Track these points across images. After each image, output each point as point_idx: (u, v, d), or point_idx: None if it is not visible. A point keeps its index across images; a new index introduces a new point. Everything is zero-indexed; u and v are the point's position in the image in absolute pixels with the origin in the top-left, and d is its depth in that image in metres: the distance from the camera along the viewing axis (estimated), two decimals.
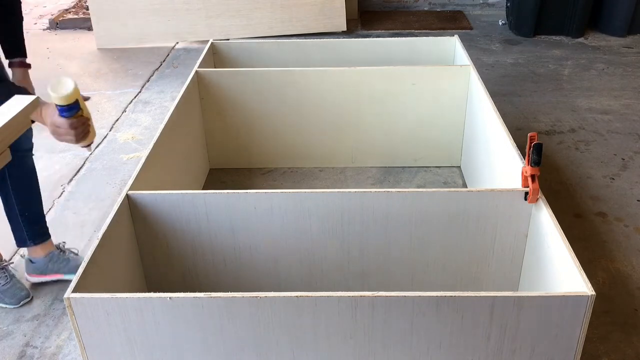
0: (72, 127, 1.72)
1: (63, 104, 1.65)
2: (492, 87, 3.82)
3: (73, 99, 1.65)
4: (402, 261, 2.05)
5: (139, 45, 4.95)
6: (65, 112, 1.68)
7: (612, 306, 2.24)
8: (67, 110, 1.67)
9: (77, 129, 1.73)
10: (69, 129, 1.72)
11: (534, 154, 1.78)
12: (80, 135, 1.75)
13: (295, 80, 2.90)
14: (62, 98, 1.63)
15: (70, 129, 1.72)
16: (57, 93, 1.62)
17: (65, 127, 1.71)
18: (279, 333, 1.54)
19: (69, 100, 1.65)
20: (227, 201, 1.96)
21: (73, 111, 1.69)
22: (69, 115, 1.69)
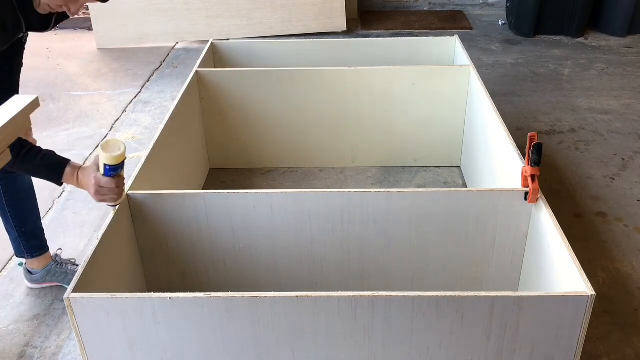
0: (117, 185, 1.74)
1: (113, 163, 1.69)
2: (492, 87, 3.82)
3: (122, 160, 1.71)
4: (402, 261, 2.05)
5: (139, 45, 4.95)
6: (112, 171, 1.71)
7: (612, 306, 2.24)
8: (114, 170, 1.71)
9: (120, 187, 1.76)
10: (114, 188, 1.74)
11: (534, 154, 1.78)
12: (120, 195, 1.78)
13: (295, 80, 2.90)
14: (113, 158, 1.68)
15: (114, 188, 1.74)
16: (110, 153, 1.67)
17: (110, 186, 1.73)
18: (279, 333, 1.54)
19: (119, 160, 1.70)
20: (227, 201, 1.96)
21: (119, 170, 1.73)
22: (114, 175, 1.73)
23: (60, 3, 1.70)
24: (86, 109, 3.91)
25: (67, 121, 3.75)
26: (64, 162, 1.79)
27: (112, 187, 1.73)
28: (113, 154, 1.67)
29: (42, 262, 2.35)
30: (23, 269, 2.39)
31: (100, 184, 1.72)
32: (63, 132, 3.61)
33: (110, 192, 1.74)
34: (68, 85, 4.29)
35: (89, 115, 3.81)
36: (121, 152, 1.68)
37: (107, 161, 1.69)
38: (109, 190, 1.74)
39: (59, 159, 1.80)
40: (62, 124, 3.71)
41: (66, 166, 1.78)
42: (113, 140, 1.70)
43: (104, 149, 1.68)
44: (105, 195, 1.75)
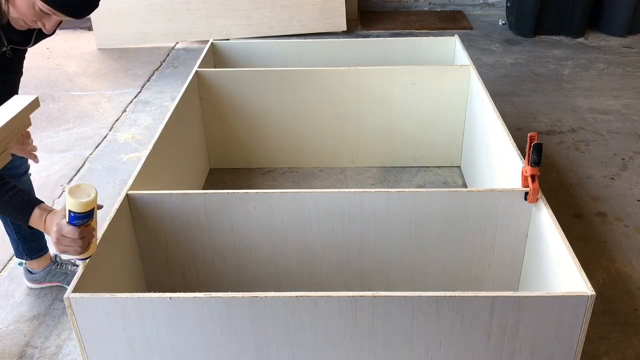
0: (80, 236, 1.53)
1: (79, 211, 1.49)
2: (492, 87, 3.82)
3: (90, 207, 1.50)
4: (402, 261, 2.05)
5: (139, 45, 4.95)
6: (77, 219, 1.50)
7: (612, 306, 2.24)
8: (80, 218, 1.50)
9: (84, 238, 1.55)
10: (76, 239, 1.53)
11: (534, 154, 1.78)
12: (84, 247, 1.56)
13: (295, 80, 2.90)
14: (80, 205, 1.48)
15: (77, 239, 1.53)
16: (76, 199, 1.47)
17: (72, 236, 1.52)
18: (279, 333, 1.54)
19: (86, 208, 1.49)
20: (227, 201, 1.96)
21: (86, 220, 1.52)
22: (80, 224, 1.52)
23: (33, 18, 1.61)
24: (86, 109, 3.91)
25: (67, 121, 3.75)
26: (33, 203, 1.60)
27: (74, 237, 1.52)
28: (80, 200, 1.47)
29: (41, 264, 2.35)
30: (23, 269, 2.39)
31: (62, 232, 1.52)
32: (63, 132, 3.61)
33: (72, 243, 1.53)
34: (68, 85, 4.30)
35: (89, 115, 3.81)
36: (90, 199, 1.48)
37: (73, 207, 1.48)
38: (71, 240, 1.53)
39: (30, 199, 1.62)
40: (62, 124, 3.71)
41: (35, 208, 1.59)
42: (85, 185, 1.50)
43: (72, 193, 1.48)
44: (66, 246, 1.54)
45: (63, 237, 1.52)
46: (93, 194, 1.49)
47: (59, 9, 1.57)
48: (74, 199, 1.47)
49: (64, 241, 1.53)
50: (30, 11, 1.58)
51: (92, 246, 1.60)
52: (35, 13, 1.59)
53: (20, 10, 1.59)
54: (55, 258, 2.40)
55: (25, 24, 1.66)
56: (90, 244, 1.58)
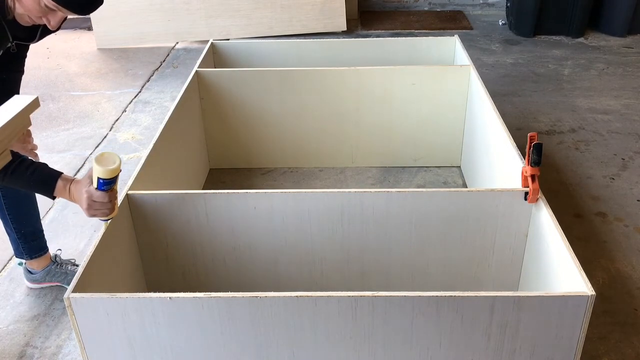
0: (110, 199, 1.68)
1: (107, 177, 1.63)
2: (492, 87, 3.82)
3: (116, 173, 1.64)
4: (402, 261, 2.05)
5: (139, 45, 4.95)
6: (106, 185, 1.65)
7: (612, 306, 2.24)
8: (108, 184, 1.65)
9: (112, 201, 1.70)
10: (106, 202, 1.68)
11: (534, 154, 1.78)
12: (112, 209, 1.71)
13: (295, 80, 2.90)
14: (108, 171, 1.62)
15: (107, 202, 1.68)
16: (104, 166, 1.61)
17: (103, 201, 1.67)
18: (279, 333, 1.54)
19: (113, 174, 1.64)
20: (227, 201, 1.96)
21: (112, 184, 1.67)
22: (108, 189, 1.67)
23: (39, 14, 1.64)
24: (86, 109, 3.91)
25: (67, 121, 3.75)
26: (55, 175, 1.74)
27: (104, 201, 1.67)
28: (108, 168, 1.61)
29: (41, 263, 2.34)
30: (23, 269, 2.39)
31: (92, 198, 1.66)
32: (63, 132, 3.61)
33: (102, 207, 1.68)
34: (68, 85, 4.30)
35: (89, 115, 3.82)
36: (116, 165, 1.62)
37: (101, 175, 1.62)
38: (101, 204, 1.68)
39: (51, 172, 1.75)
40: (62, 124, 3.72)
41: (57, 179, 1.73)
42: (108, 153, 1.64)
43: (98, 162, 1.61)
44: (97, 210, 1.69)
45: (94, 202, 1.66)
46: (118, 161, 1.62)
47: (64, 5, 1.59)
48: (101, 167, 1.60)
49: (95, 205, 1.67)
50: (36, 7, 1.61)
51: (116, 208, 1.75)
52: (40, 9, 1.61)
53: (26, 6, 1.62)
54: (55, 258, 2.39)
55: (31, 20, 1.68)
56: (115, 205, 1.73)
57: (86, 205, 1.67)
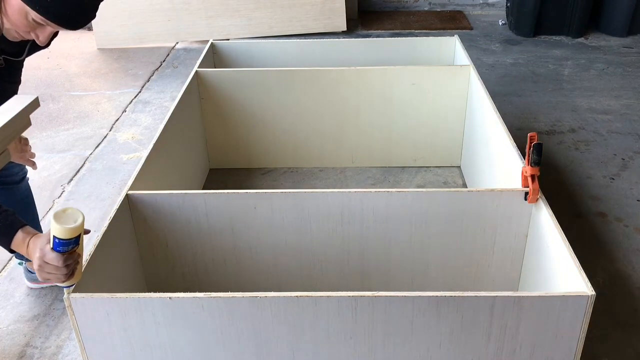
0: (64, 263, 1.43)
1: (64, 237, 1.39)
2: (492, 87, 3.82)
3: (76, 234, 1.41)
4: (402, 261, 2.05)
5: (139, 45, 4.95)
6: (62, 246, 1.41)
7: (612, 306, 2.24)
8: (65, 245, 1.41)
9: (68, 266, 1.45)
10: (60, 266, 1.43)
11: (534, 154, 1.78)
12: (68, 274, 1.46)
13: (295, 80, 2.90)
14: (66, 231, 1.38)
15: (60, 266, 1.43)
16: (62, 224, 1.38)
17: (56, 264, 1.42)
18: (279, 333, 1.54)
19: (72, 235, 1.40)
20: (227, 201, 1.96)
21: (70, 246, 1.42)
22: (64, 251, 1.42)
23: (26, 29, 1.53)
24: (86, 109, 3.91)
25: (67, 121, 3.75)
26: (16, 225, 1.52)
27: (57, 264, 1.42)
28: (66, 226, 1.37)
29: None
30: (23, 269, 2.38)
31: (44, 259, 1.42)
32: (63, 132, 3.61)
33: (55, 271, 1.44)
34: (68, 85, 4.30)
35: (89, 115, 3.82)
36: (77, 224, 1.39)
37: (58, 233, 1.38)
38: (54, 268, 1.43)
39: (13, 221, 1.52)
40: (62, 124, 3.72)
41: (18, 230, 1.50)
42: (72, 210, 1.41)
43: (57, 218, 1.38)
44: (49, 274, 1.44)
45: (46, 264, 1.43)
46: (80, 220, 1.39)
47: (53, 20, 1.49)
48: (59, 224, 1.37)
49: (46, 268, 1.43)
50: (23, 22, 1.51)
51: (76, 273, 1.50)
52: (28, 24, 1.52)
53: (13, 21, 1.52)
54: None
55: (19, 35, 1.58)
56: (75, 271, 1.49)
57: (36, 266, 1.44)
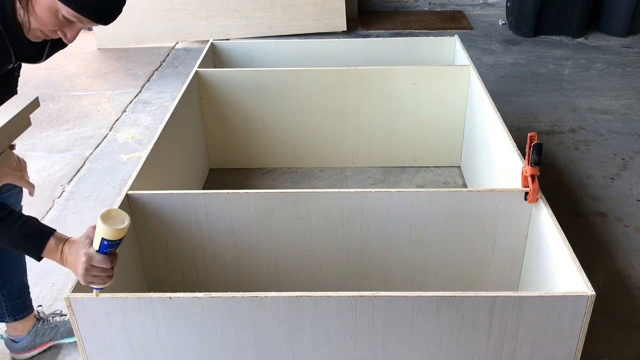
0: (111, 265, 1.42)
1: (113, 239, 1.38)
2: (492, 87, 3.82)
3: (124, 234, 1.40)
4: (402, 261, 2.05)
5: (139, 45, 4.95)
6: (110, 247, 1.40)
7: (612, 306, 2.24)
8: (113, 246, 1.40)
9: (113, 267, 1.44)
10: (108, 268, 1.42)
11: (534, 154, 1.78)
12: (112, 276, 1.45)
13: (295, 80, 2.90)
14: (116, 232, 1.37)
15: (108, 268, 1.42)
16: (112, 225, 1.36)
17: (104, 266, 1.41)
18: (279, 333, 1.54)
19: (120, 236, 1.39)
20: (227, 201, 1.96)
21: (115, 247, 1.41)
22: (111, 252, 1.41)
23: (53, 28, 1.45)
24: (86, 109, 3.91)
25: (67, 121, 3.75)
26: (48, 232, 1.48)
27: (106, 266, 1.41)
28: (116, 227, 1.36)
29: (27, 325, 2.05)
30: (5, 341, 2.08)
31: (92, 262, 1.40)
32: (63, 132, 3.61)
33: (102, 273, 1.42)
34: (68, 85, 4.30)
35: (89, 115, 3.82)
36: (125, 225, 1.38)
37: (108, 236, 1.37)
38: (101, 270, 1.41)
39: (43, 227, 1.49)
40: (62, 124, 3.72)
41: (50, 237, 1.47)
42: (115, 211, 1.39)
43: (105, 220, 1.36)
44: (95, 277, 1.42)
45: (93, 267, 1.40)
46: (127, 221, 1.38)
47: (87, 15, 1.41)
48: (108, 226, 1.36)
49: (93, 271, 1.41)
50: (52, 20, 1.42)
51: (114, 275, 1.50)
52: (57, 22, 1.43)
53: (41, 19, 1.43)
54: (39, 315, 2.11)
55: (43, 35, 1.49)
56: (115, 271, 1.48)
57: (83, 270, 1.41)
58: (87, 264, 1.40)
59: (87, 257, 1.40)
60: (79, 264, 1.41)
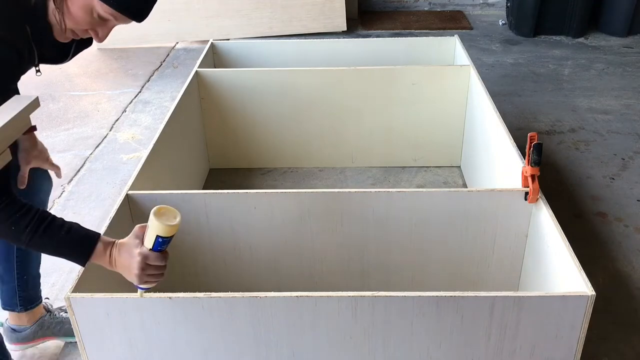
0: (166, 261, 1.41)
1: (167, 235, 1.38)
2: (492, 87, 3.82)
3: (176, 230, 1.39)
4: (402, 261, 2.05)
5: (139, 45, 4.95)
6: (164, 244, 1.39)
7: (612, 306, 2.24)
8: (166, 243, 1.39)
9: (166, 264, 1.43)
10: (163, 265, 1.41)
11: (534, 154, 1.78)
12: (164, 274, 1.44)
13: (295, 80, 2.90)
14: (170, 229, 1.37)
15: (163, 265, 1.41)
16: (164, 222, 1.36)
17: (160, 263, 1.40)
18: (279, 333, 1.54)
19: (174, 232, 1.39)
20: (227, 201, 1.96)
21: (168, 244, 1.41)
22: (164, 249, 1.41)
23: (86, 27, 1.44)
24: (86, 109, 3.91)
25: (67, 121, 3.75)
26: (94, 236, 1.45)
27: (162, 264, 1.40)
28: (169, 224, 1.36)
29: (34, 315, 2.04)
30: (4, 330, 2.05)
31: (148, 261, 1.38)
32: (63, 132, 3.61)
33: (157, 271, 1.41)
34: (68, 85, 4.30)
35: (89, 115, 3.82)
36: (177, 221, 1.38)
37: (162, 232, 1.36)
38: (157, 268, 1.40)
39: (88, 232, 1.46)
40: (62, 124, 3.72)
41: (98, 241, 1.44)
42: (164, 208, 1.39)
43: (158, 217, 1.36)
44: (151, 276, 1.41)
45: (149, 267, 1.39)
46: (179, 216, 1.39)
47: (124, 12, 1.41)
48: (162, 223, 1.36)
49: (149, 270, 1.40)
50: (87, 19, 1.41)
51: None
52: (91, 20, 1.42)
53: (75, 19, 1.42)
54: (47, 306, 2.11)
55: (73, 34, 1.48)
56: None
57: (139, 270, 1.39)
58: (142, 263, 1.38)
59: (142, 257, 1.38)
60: (134, 264, 1.39)
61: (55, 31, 1.47)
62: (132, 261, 1.39)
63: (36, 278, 2.03)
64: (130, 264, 1.40)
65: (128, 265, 1.41)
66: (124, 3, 1.40)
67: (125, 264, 1.41)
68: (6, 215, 1.36)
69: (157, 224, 1.36)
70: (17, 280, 1.96)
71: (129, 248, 1.41)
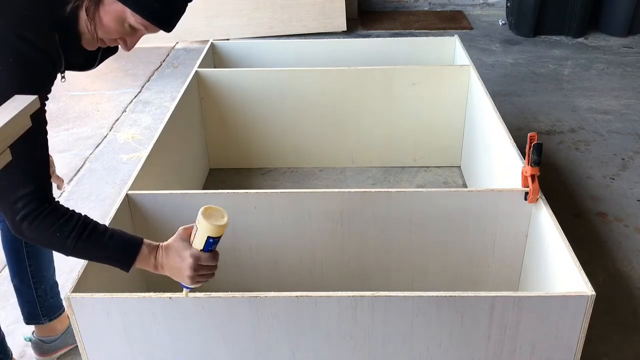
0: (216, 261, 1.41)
1: (217, 235, 1.38)
2: (492, 87, 3.82)
3: (224, 230, 1.39)
4: (402, 261, 2.05)
5: (139, 45, 4.93)
6: (214, 244, 1.39)
7: (612, 306, 2.24)
8: (216, 243, 1.39)
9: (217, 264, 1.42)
10: (214, 265, 1.41)
11: (534, 154, 1.78)
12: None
13: (295, 80, 2.90)
14: (219, 229, 1.37)
15: (214, 265, 1.41)
16: (215, 223, 1.36)
17: (212, 263, 1.39)
18: (279, 333, 1.54)
19: (223, 231, 1.39)
20: (227, 201, 1.96)
21: (217, 244, 1.41)
22: (214, 249, 1.41)
23: (116, 37, 1.44)
24: (86, 109, 3.91)
25: (67, 121, 3.75)
26: (138, 240, 1.44)
27: (213, 264, 1.40)
28: (219, 224, 1.36)
29: (62, 324, 2.04)
30: (33, 344, 2.04)
31: (200, 262, 1.38)
32: (63, 132, 3.61)
33: (209, 271, 1.40)
34: (68, 85, 4.29)
35: (89, 115, 3.82)
36: (226, 220, 1.38)
37: (213, 233, 1.36)
38: (208, 268, 1.40)
39: (131, 236, 1.45)
40: (62, 124, 3.71)
41: (142, 245, 1.43)
42: (210, 208, 1.39)
43: (207, 218, 1.36)
44: (202, 276, 1.40)
45: (201, 267, 1.39)
46: (226, 215, 1.39)
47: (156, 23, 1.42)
48: (212, 223, 1.36)
49: (201, 271, 1.39)
50: (118, 29, 1.42)
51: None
52: (122, 30, 1.43)
53: (107, 28, 1.42)
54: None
55: (102, 43, 1.48)
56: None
57: (191, 272, 1.38)
58: (195, 264, 1.38)
59: (194, 258, 1.38)
60: (185, 265, 1.38)
61: (84, 40, 1.47)
62: (184, 263, 1.39)
63: (54, 286, 2.01)
64: (181, 266, 1.40)
65: (179, 267, 1.40)
66: (156, 14, 1.41)
67: (176, 266, 1.41)
68: (50, 222, 1.35)
69: (208, 225, 1.35)
70: (35, 291, 1.94)
71: (178, 250, 1.40)
